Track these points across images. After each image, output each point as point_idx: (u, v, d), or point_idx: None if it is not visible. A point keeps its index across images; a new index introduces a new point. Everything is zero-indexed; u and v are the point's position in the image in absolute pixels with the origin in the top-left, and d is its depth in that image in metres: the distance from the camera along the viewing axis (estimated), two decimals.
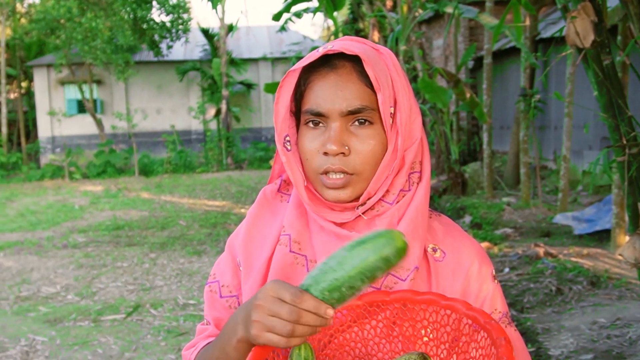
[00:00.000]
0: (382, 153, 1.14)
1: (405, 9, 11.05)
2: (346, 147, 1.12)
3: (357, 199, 1.15)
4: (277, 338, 0.97)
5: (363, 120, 1.13)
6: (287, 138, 1.19)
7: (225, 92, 23.58)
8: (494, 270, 1.24)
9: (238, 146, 24.53)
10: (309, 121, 1.15)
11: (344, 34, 16.27)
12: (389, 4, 13.66)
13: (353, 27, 18.46)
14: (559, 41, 11.53)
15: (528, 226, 8.86)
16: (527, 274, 6.38)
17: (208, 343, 1.20)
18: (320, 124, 1.15)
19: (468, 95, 10.12)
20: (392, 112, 1.13)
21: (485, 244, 7.64)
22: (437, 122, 12.66)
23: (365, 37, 15.72)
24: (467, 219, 9.73)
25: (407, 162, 1.17)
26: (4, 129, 24.92)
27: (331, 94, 1.12)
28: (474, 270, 1.19)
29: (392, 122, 1.13)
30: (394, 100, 1.14)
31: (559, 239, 7.89)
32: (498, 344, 0.95)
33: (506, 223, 9.13)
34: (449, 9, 9.58)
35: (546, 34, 12.79)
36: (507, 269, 6.67)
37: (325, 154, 1.12)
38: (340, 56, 1.14)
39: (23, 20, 26.97)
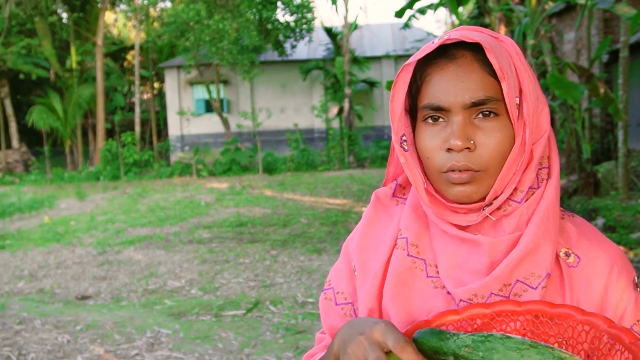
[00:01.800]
0: (509, 147, 1.04)
1: (534, 1, 10.58)
2: (471, 142, 1.03)
3: (482, 199, 1.06)
4: None
5: (488, 112, 1.03)
6: (404, 137, 1.12)
7: (347, 91, 23.64)
8: (636, 278, 1.11)
9: (360, 144, 24.52)
10: (428, 117, 1.07)
11: None
12: None
13: (478, 22, 17.94)
14: None
15: None
16: None
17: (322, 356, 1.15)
18: (440, 119, 1.06)
19: (602, 90, 9.53)
20: (518, 102, 1.04)
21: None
22: (567, 120, 12.05)
23: None
24: (600, 221, 9.17)
25: (536, 157, 1.07)
26: (138, 128, 26.24)
27: (452, 86, 1.04)
28: (613, 277, 1.07)
29: (519, 113, 1.04)
30: (520, 90, 1.05)
31: None
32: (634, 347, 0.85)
33: None
34: (581, 0, 9.06)
35: None
36: None
37: (449, 150, 1.04)
38: (459, 46, 1.06)
39: (155, 24, 28.27)
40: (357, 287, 1.20)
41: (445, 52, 1.06)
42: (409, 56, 27.00)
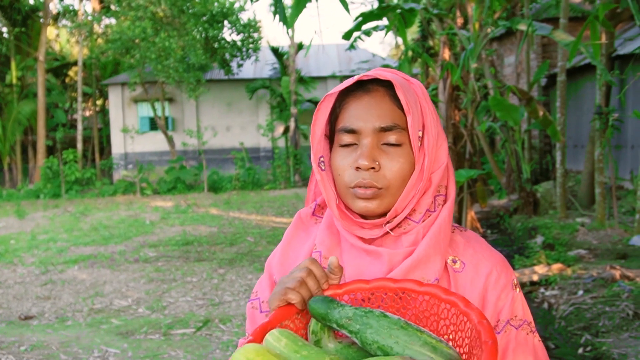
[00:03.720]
0: (409, 172, 1.21)
1: (476, 26, 10.92)
2: (377, 163, 1.20)
3: (384, 214, 1.23)
4: (292, 293, 1.12)
5: (392, 143, 1.20)
6: (322, 159, 1.28)
7: (294, 110, 23.79)
8: (515, 279, 1.27)
9: (306, 163, 24.66)
10: (342, 141, 1.23)
11: (414, 52, 16.19)
12: (459, 21, 13.51)
13: (423, 45, 18.35)
14: (638, 58, 11.15)
15: (603, 248, 8.55)
16: (602, 297, 6.14)
17: None
18: (353, 144, 1.23)
19: (541, 113, 9.89)
20: (421, 135, 1.21)
21: (558, 265, 7.41)
22: (508, 141, 12.43)
23: (436, 54, 15.61)
24: (539, 239, 9.48)
25: (434, 184, 1.24)
26: (80, 145, 25.79)
27: (364, 113, 1.21)
28: (492, 278, 1.24)
29: (420, 144, 1.21)
30: (423, 124, 1.22)
31: (636, 262, 7.58)
32: (485, 346, 0.96)
33: (580, 244, 8.84)
34: (522, 26, 9.41)
35: (623, 50, 12.40)
36: (581, 292, 6.45)
37: (358, 169, 1.20)
38: (374, 82, 1.24)
39: (100, 41, 27.93)
40: None
41: (363, 86, 1.24)
42: (354, 76, 27.32)
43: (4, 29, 28.57)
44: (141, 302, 7.32)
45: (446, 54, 12.46)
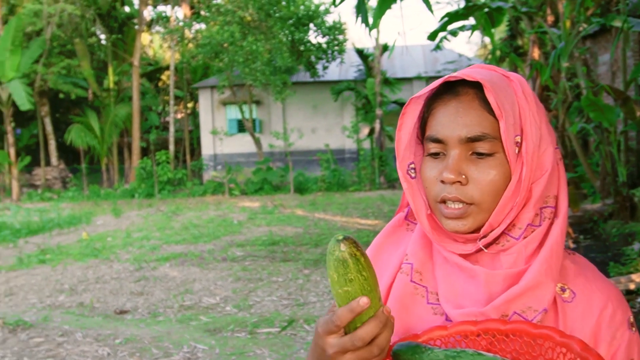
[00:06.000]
0: (504, 184, 1.08)
1: (568, 24, 10.60)
2: (463, 176, 1.08)
3: (477, 230, 1.10)
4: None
5: (483, 153, 1.08)
6: (412, 165, 1.18)
7: (379, 112, 23.75)
8: (632, 317, 1.12)
9: (391, 165, 24.57)
10: (431, 149, 1.13)
11: (502, 52, 15.87)
12: (550, 19, 13.14)
13: (511, 44, 17.95)
14: None
15: None
16: None
17: None
18: (441, 154, 1.11)
19: (638, 113, 9.50)
20: (519, 141, 1.08)
21: None
22: (602, 142, 11.99)
23: (525, 54, 15.24)
24: (637, 246, 9.09)
25: (535, 195, 1.10)
26: (172, 147, 26.63)
27: (451, 121, 1.09)
28: (607, 314, 1.09)
29: (518, 151, 1.08)
30: (521, 128, 1.09)
31: None
32: None
33: None
34: (617, 23, 9.07)
35: None
36: None
37: (442, 182, 1.09)
38: (465, 84, 1.11)
39: (190, 45, 28.75)
40: None
41: (452, 89, 1.11)
42: (440, 77, 27.00)
43: (102, 37, 29.89)
44: (228, 300, 7.49)
45: (535, 53, 12.14)
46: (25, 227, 14.59)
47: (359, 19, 7.88)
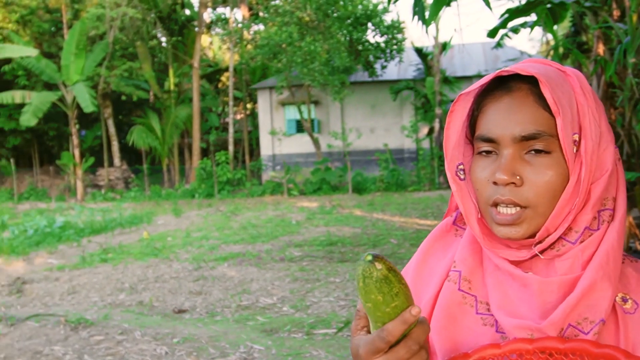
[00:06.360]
0: (561, 185, 1.00)
1: (635, 18, 10.24)
2: (517, 177, 1.00)
3: (532, 236, 1.02)
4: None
5: (540, 150, 1.00)
6: (461, 166, 1.11)
7: (438, 111, 23.49)
8: None
9: None
10: (482, 149, 1.05)
11: (565, 48, 15.48)
12: (616, 13, 12.71)
13: (575, 40, 17.46)
14: None
15: None
16: None
17: None
18: (493, 152, 1.04)
19: None
20: (577, 139, 1.00)
21: None
22: None
23: (589, 50, 14.81)
24: None
25: (594, 197, 1.02)
26: (231, 148, 26.94)
27: (503, 118, 1.02)
28: None
29: (576, 150, 1.00)
30: (579, 126, 1.01)
31: None
32: None
33: None
34: None
35: None
36: None
37: (495, 183, 1.01)
38: (517, 79, 1.04)
39: (249, 47, 29.04)
40: None
41: (503, 84, 1.04)
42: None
43: (163, 39, 30.47)
44: (285, 300, 7.49)
45: (600, 49, 11.79)
46: (88, 226, 14.97)
47: (416, 17, 7.78)
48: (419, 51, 25.91)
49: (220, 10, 31.91)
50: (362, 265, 0.90)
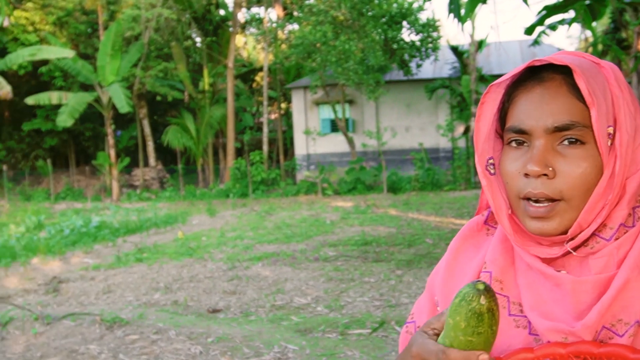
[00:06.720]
0: (595, 178, 0.97)
1: None
2: (550, 169, 0.97)
3: (565, 232, 0.99)
4: None
5: (574, 140, 0.97)
6: (491, 161, 1.08)
7: (474, 110, 23.23)
8: None
9: None
10: (512, 140, 1.02)
11: (604, 45, 15.18)
12: None
13: (614, 37, 17.12)
14: None
15: None
16: None
17: None
18: (525, 144, 1.01)
19: None
20: (612, 132, 0.97)
21: None
22: None
23: (629, 47, 14.51)
24: None
25: (629, 192, 0.99)
26: (265, 147, 27.01)
27: (536, 109, 0.99)
28: None
29: (611, 143, 0.97)
30: (614, 118, 0.98)
31: None
32: None
33: None
34: None
35: None
36: None
37: (526, 175, 0.98)
38: (550, 69, 1.01)
39: (283, 46, 29.09)
40: None
41: (535, 75, 1.02)
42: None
43: (198, 39, 30.70)
44: (320, 300, 7.44)
45: None
46: (123, 226, 15.11)
47: (451, 14, 7.68)
48: (454, 49, 25.67)
49: (254, 10, 32.04)
50: (470, 288, 0.88)
